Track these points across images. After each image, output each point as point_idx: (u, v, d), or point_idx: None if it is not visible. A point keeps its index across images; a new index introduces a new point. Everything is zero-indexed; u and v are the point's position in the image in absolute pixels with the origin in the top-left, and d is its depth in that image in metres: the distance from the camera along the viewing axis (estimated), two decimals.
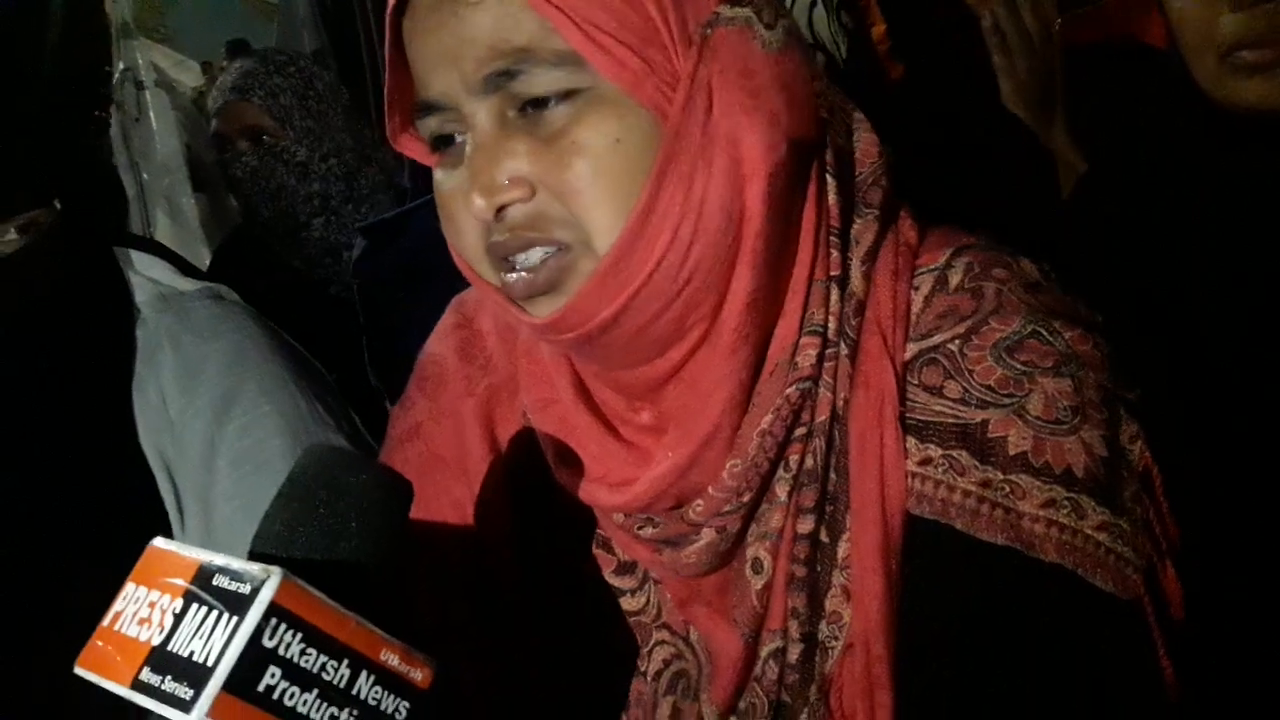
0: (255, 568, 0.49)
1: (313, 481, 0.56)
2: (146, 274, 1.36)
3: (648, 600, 0.82)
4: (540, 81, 0.67)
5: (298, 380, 1.32)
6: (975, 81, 1.44)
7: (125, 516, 1.19)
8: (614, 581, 0.83)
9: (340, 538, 0.55)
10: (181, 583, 0.50)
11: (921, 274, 0.76)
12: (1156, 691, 0.68)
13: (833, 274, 0.73)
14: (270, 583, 0.48)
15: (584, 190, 0.68)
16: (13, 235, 1.18)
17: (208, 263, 2.61)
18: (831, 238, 0.74)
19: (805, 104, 0.72)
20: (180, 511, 1.22)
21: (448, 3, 0.67)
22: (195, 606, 0.49)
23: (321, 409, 1.31)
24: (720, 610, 0.76)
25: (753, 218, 0.69)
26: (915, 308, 0.75)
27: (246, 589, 0.48)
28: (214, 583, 0.49)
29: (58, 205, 1.22)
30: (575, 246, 0.69)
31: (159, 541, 0.53)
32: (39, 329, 1.22)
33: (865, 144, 0.78)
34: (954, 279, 0.75)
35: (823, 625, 0.73)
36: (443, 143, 0.73)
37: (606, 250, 0.68)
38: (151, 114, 3.40)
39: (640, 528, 0.77)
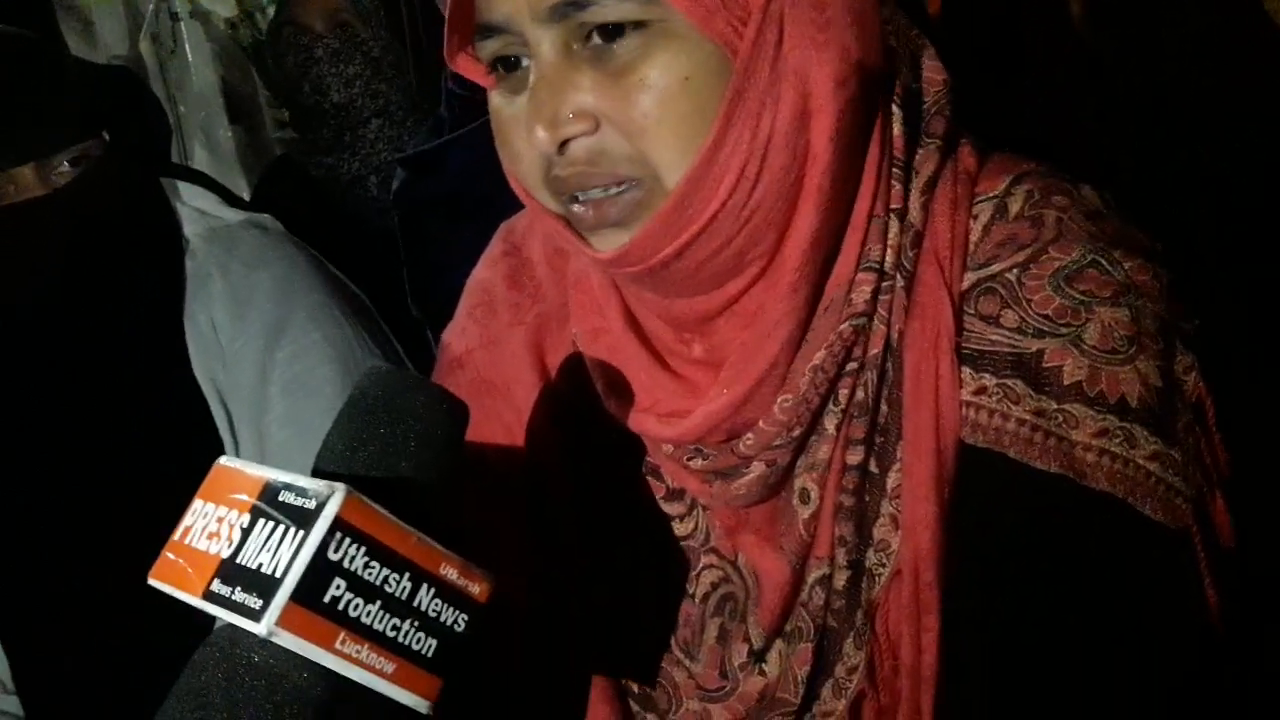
0: (320, 484, 0.50)
1: (374, 402, 0.57)
2: (193, 204, 1.38)
3: (696, 525, 0.83)
4: (610, 11, 0.64)
5: (344, 308, 1.34)
6: (1012, 14, 1.43)
7: (180, 443, 1.22)
8: (663, 507, 0.84)
9: (400, 457, 0.56)
10: (248, 499, 0.51)
11: (980, 202, 0.75)
12: (1201, 619, 0.68)
13: (893, 207, 0.72)
14: (335, 498, 0.49)
15: (651, 129, 0.66)
16: (65, 167, 1.19)
17: (246, 193, 2.63)
18: (895, 170, 0.73)
19: (875, 35, 0.70)
20: (234, 437, 1.25)
21: None
22: (262, 521, 0.50)
23: (368, 336, 1.33)
24: (768, 538, 0.77)
25: (820, 155, 0.67)
26: (974, 237, 0.74)
27: (312, 504, 0.49)
28: (280, 499, 0.51)
29: (106, 136, 1.23)
30: (644, 181, 0.68)
31: (225, 460, 0.55)
32: (92, 260, 1.24)
33: (930, 72, 0.77)
34: (1014, 207, 0.74)
35: (870, 553, 0.74)
36: (502, 65, 0.71)
37: (674, 186, 0.67)
38: (187, 46, 3.39)
39: (690, 459, 0.77)
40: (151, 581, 0.53)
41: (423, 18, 2.79)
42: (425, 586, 0.53)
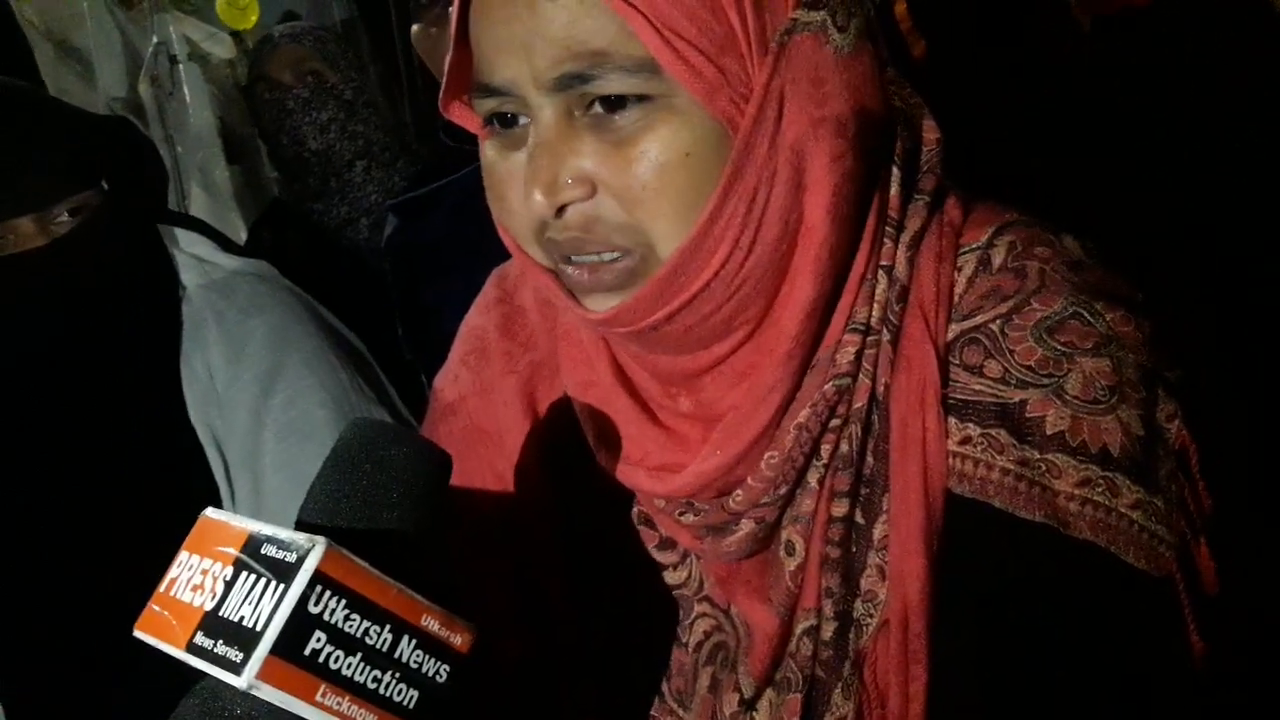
0: (301, 537, 0.50)
1: (357, 454, 0.57)
2: (190, 251, 1.40)
3: (689, 574, 0.83)
4: (614, 85, 0.65)
5: (338, 354, 1.35)
6: (993, 60, 1.44)
7: (176, 488, 1.23)
8: (656, 556, 0.84)
9: (383, 508, 0.56)
10: (232, 551, 0.52)
11: (964, 254, 0.76)
12: (1185, 667, 0.68)
13: (883, 264, 0.73)
14: (315, 552, 0.50)
15: (650, 200, 0.66)
16: (65, 217, 1.21)
17: (243, 235, 2.65)
18: (888, 229, 0.73)
19: (873, 104, 0.71)
20: (229, 482, 1.25)
21: None
22: (245, 574, 0.51)
23: (362, 382, 1.34)
24: (759, 589, 0.77)
25: (816, 227, 0.68)
26: (958, 288, 0.75)
27: (293, 557, 0.50)
28: (262, 551, 0.51)
29: (105, 186, 1.25)
30: (636, 251, 0.69)
31: (211, 512, 0.55)
32: (90, 308, 1.25)
33: (926, 131, 0.77)
34: (997, 258, 0.74)
35: (858, 603, 0.74)
36: (499, 120, 0.71)
37: (666, 257, 0.68)
38: (185, 88, 3.41)
39: (681, 514, 0.77)
40: (136, 633, 0.53)
41: (420, 62, 2.82)
42: (406, 638, 0.53)
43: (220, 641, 0.50)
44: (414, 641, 0.53)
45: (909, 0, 1.43)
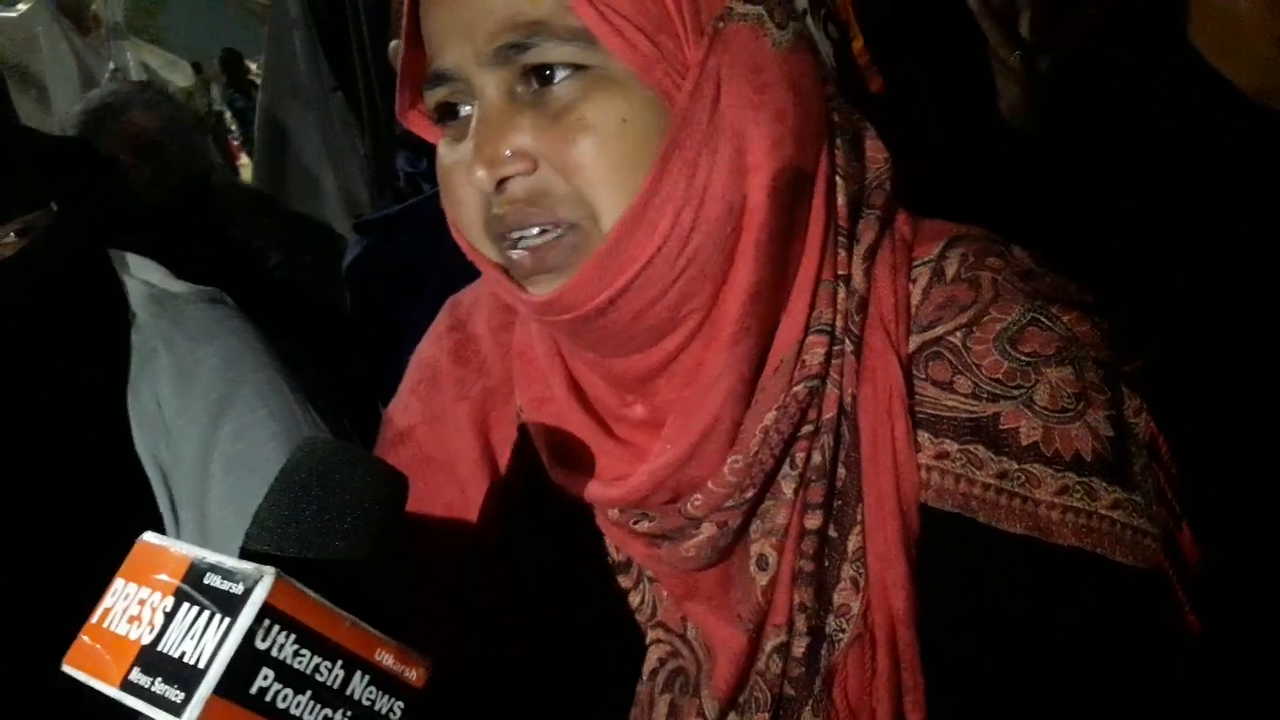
0: (248, 567, 0.48)
1: (306, 477, 0.55)
2: (140, 276, 1.37)
3: (642, 599, 0.82)
4: (551, 53, 0.67)
5: (291, 384, 1.32)
6: (953, 93, 1.45)
7: (120, 520, 1.19)
8: (609, 582, 0.83)
9: (334, 535, 0.54)
10: (173, 580, 0.49)
11: (918, 266, 0.77)
12: (1184, 653, 0.69)
13: (840, 274, 0.74)
14: (263, 583, 0.47)
15: (588, 167, 0.68)
16: (11, 238, 1.19)
17: None
18: (840, 238, 0.75)
19: (813, 104, 0.73)
20: (175, 515, 1.23)
21: None
22: (186, 606, 0.48)
23: (315, 413, 1.32)
24: (721, 605, 0.76)
25: (756, 210, 0.69)
26: (915, 300, 0.76)
27: (239, 589, 0.47)
28: (205, 581, 0.49)
29: (54, 207, 1.22)
30: (580, 224, 0.69)
31: (149, 536, 0.53)
32: (36, 332, 1.23)
33: (872, 150, 0.79)
34: (950, 270, 0.76)
35: (830, 618, 0.74)
36: (448, 114, 0.73)
37: (610, 230, 0.68)
38: None
39: (636, 522, 0.76)
40: (65, 668, 0.50)
41: (382, 99, 2.82)
42: (359, 674, 0.51)
43: (159, 679, 0.47)
44: (367, 678, 0.51)
45: (865, 37, 1.44)
